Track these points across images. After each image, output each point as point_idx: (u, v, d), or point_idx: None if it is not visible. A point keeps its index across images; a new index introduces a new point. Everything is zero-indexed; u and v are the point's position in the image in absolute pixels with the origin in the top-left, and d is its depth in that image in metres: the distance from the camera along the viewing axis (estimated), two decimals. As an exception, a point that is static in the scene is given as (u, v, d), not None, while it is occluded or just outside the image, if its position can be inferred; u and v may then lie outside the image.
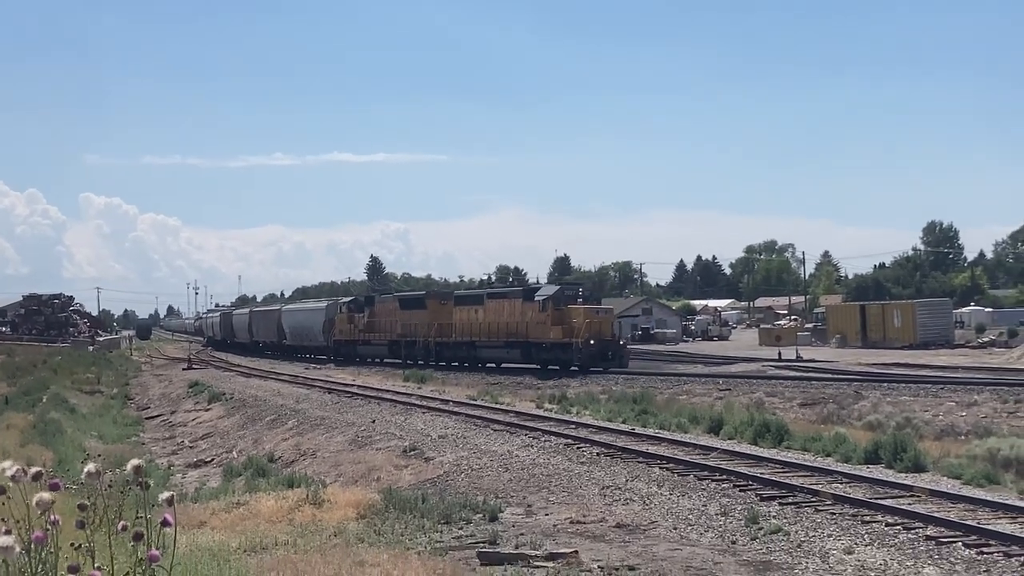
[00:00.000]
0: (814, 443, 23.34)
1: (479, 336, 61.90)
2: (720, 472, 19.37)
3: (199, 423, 42.30)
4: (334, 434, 30.45)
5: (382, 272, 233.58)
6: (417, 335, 67.18)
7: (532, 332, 56.65)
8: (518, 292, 62.06)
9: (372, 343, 74.64)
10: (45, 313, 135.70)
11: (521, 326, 57.77)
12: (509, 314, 59.43)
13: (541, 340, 56.05)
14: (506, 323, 59.41)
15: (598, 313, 55.52)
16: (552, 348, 55.47)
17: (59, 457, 24.81)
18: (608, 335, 55.14)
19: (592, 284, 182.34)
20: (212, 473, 28.79)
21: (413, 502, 16.80)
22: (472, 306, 64.27)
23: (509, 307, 59.81)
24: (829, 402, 35.32)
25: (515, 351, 58.66)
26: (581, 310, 54.48)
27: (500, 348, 60.26)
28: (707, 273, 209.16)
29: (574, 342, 53.53)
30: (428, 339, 65.93)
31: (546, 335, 55.46)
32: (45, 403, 42.49)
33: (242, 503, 17.36)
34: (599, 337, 53.84)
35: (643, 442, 24.18)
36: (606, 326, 55.54)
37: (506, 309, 60.03)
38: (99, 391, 58.89)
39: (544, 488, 19.44)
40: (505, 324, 59.47)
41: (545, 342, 55.75)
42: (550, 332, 55.16)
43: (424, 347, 66.28)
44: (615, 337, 56.27)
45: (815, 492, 17.09)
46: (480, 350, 62.17)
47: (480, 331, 61.84)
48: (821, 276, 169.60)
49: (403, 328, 69.48)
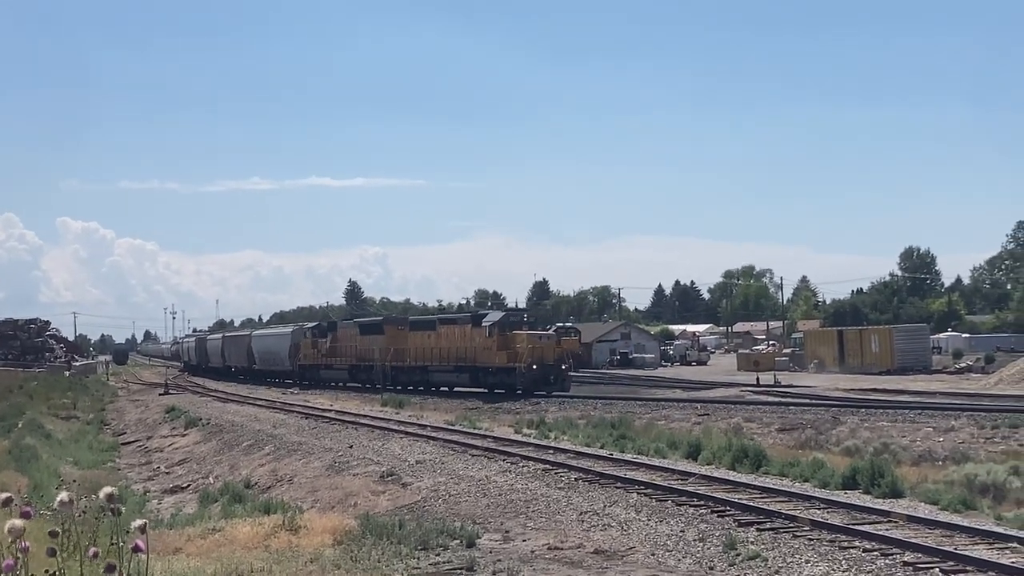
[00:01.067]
0: (792, 468, 23.36)
1: (431, 361, 63.52)
2: (698, 498, 19.35)
3: (175, 449, 42.08)
4: (311, 459, 30.33)
5: (360, 297, 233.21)
6: (375, 360, 68.58)
7: (480, 357, 58.39)
8: (467, 318, 63.80)
9: (334, 367, 75.83)
10: (21, 338, 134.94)
11: (470, 351, 59.43)
12: (459, 339, 61.10)
13: (488, 365, 57.77)
14: (456, 348, 61.03)
15: (541, 339, 57.19)
16: (497, 372, 57.17)
17: (34, 483, 24.63)
18: (551, 360, 56.25)
19: (571, 308, 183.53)
20: (188, 499, 28.64)
21: (390, 528, 16.72)
22: (425, 331, 66.01)
23: (459, 333, 61.55)
24: (807, 427, 35.37)
25: (464, 375, 60.22)
26: (525, 336, 56.24)
27: (451, 372, 61.79)
28: (685, 298, 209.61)
29: (517, 367, 55.21)
30: (384, 364, 67.23)
31: (492, 360, 57.16)
32: (20, 428, 42.18)
33: (218, 529, 17.27)
34: (542, 362, 55.35)
35: (621, 467, 24.15)
36: (549, 351, 56.57)
37: (456, 335, 61.76)
38: (75, 416, 58.52)
39: (522, 514, 19.39)
40: (455, 349, 61.14)
41: (491, 367, 57.43)
42: (495, 357, 56.84)
43: (381, 371, 67.47)
44: (560, 362, 57.21)
45: (793, 518, 17.08)
46: (432, 374, 63.76)
47: (432, 356, 63.51)
48: (799, 301, 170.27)
49: (362, 353, 71.06)
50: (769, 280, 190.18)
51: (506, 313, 62.64)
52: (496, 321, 58.75)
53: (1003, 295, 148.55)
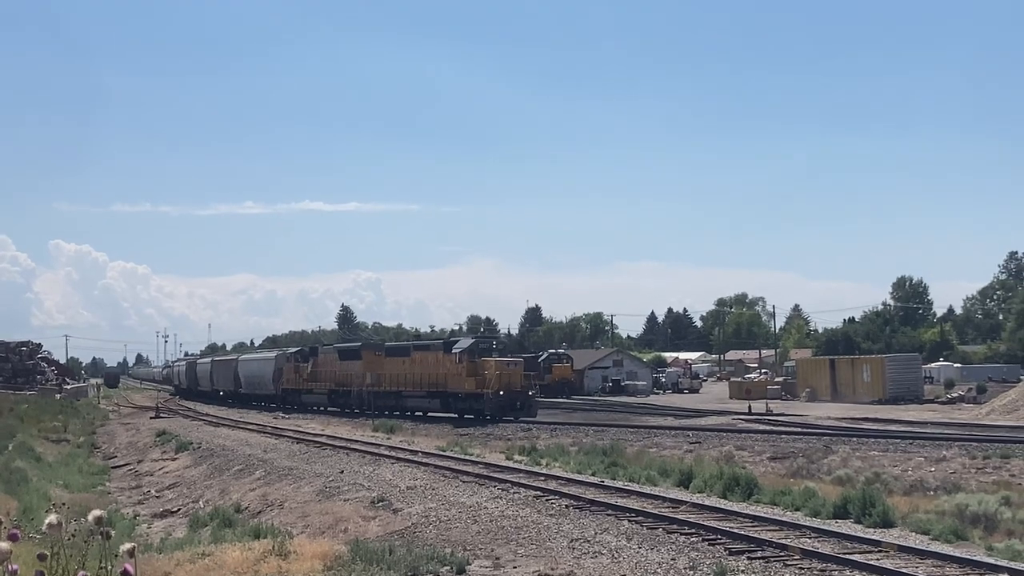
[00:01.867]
0: (783, 497, 23.34)
1: (405, 386, 65.06)
2: (689, 526, 19.33)
3: (166, 472, 41.96)
4: (302, 484, 30.25)
5: (353, 321, 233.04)
6: (352, 385, 70.21)
7: (450, 383, 60.09)
8: (439, 345, 65.71)
9: (314, 392, 77.63)
10: (12, 360, 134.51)
11: (441, 377, 61.02)
12: (431, 365, 62.75)
13: (457, 391, 59.45)
14: (429, 374, 62.65)
15: (509, 365, 58.87)
16: (467, 398, 58.85)
17: (24, 506, 24.54)
18: (518, 386, 58.25)
19: (563, 335, 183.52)
20: (178, 523, 28.53)
21: (380, 554, 16.68)
22: (400, 357, 67.59)
23: (432, 359, 63.26)
24: (798, 456, 35.36)
25: (436, 400, 61.91)
26: (493, 362, 57.99)
27: (423, 398, 63.44)
28: (678, 326, 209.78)
29: (485, 392, 56.97)
30: (361, 389, 68.45)
31: (462, 386, 58.95)
32: (10, 451, 42.03)
33: (207, 554, 17.21)
34: (509, 388, 57.25)
35: (612, 495, 24.11)
36: (516, 378, 58.50)
37: (429, 361, 63.49)
38: (66, 439, 58.31)
39: (512, 540, 19.35)
40: (428, 375, 62.74)
41: (461, 392, 59.17)
42: (465, 383, 58.61)
43: (358, 396, 68.70)
44: (526, 388, 59.16)
45: (784, 546, 17.06)
46: (406, 399, 65.30)
47: (406, 381, 65.04)
48: (791, 330, 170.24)
49: (341, 378, 72.87)
50: (762, 308, 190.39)
51: (475, 340, 64.12)
52: (465, 348, 60.44)
53: (995, 325, 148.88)
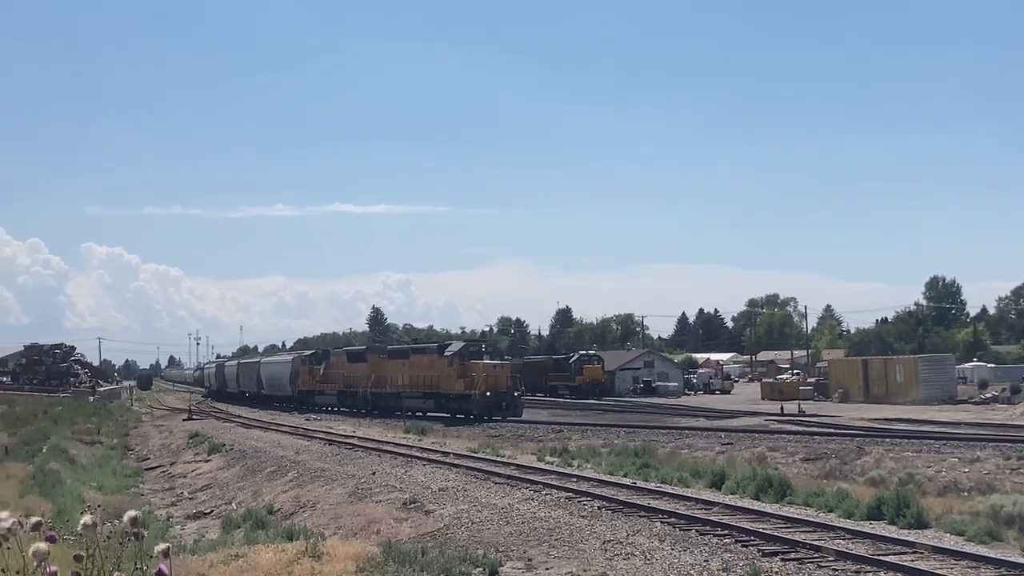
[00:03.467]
0: (816, 498, 23.24)
1: (404, 388, 68.48)
2: (722, 527, 19.27)
3: (199, 474, 42.10)
4: (334, 486, 30.30)
5: (384, 323, 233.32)
6: (359, 386, 73.81)
7: (443, 384, 63.61)
8: (434, 348, 68.98)
9: (326, 393, 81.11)
10: (46, 363, 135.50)
11: (435, 379, 64.64)
12: (427, 368, 66.23)
13: (449, 391, 62.99)
14: (424, 376, 66.25)
15: (495, 367, 62.54)
16: (457, 398, 62.33)
17: (58, 508, 24.66)
18: (504, 387, 61.58)
19: (594, 336, 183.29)
20: (211, 525, 28.63)
21: (413, 556, 16.69)
22: (401, 360, 71.03)
23: (427, 361, 66.70)
24: (832, 457, 35.18)
25: (430, 401, 65.34)
26: (481, 365, 61.50)
27: (419, 398, 66.74)
28: (709, 326, 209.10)
29: (473, 393, 60.35)
30: (366, 390, 72.34)
31: (452, 387, 62.45)
32: (45, 453, 42.31)
33: (240, 555, 17.25)
34: (495, 389, 60.55)
35: (645, 496, 24.05)
36: (502, 379, 61.88)
37: (425, 363, 66.93)
38: (99, 441, 58.65)
39: (545, 542, 19.32)
40: (423, 377, 66.29)
41: (452, 393, 62.65)
42: (455, 384, 62.13)
43: (363, 397, 72.71)
44: (511, 389, 62.27)
45: (817, 548, 16.98)
46: (404, 400, 67.92)
47: (405, 383, 68.46)
48: (823, 330, 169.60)
49: (349, 380, 76.29)
50: (793, 309, 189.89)
51: (465, 344, 68.19)
52: (456, 351, 64.09)
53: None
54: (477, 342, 75.52)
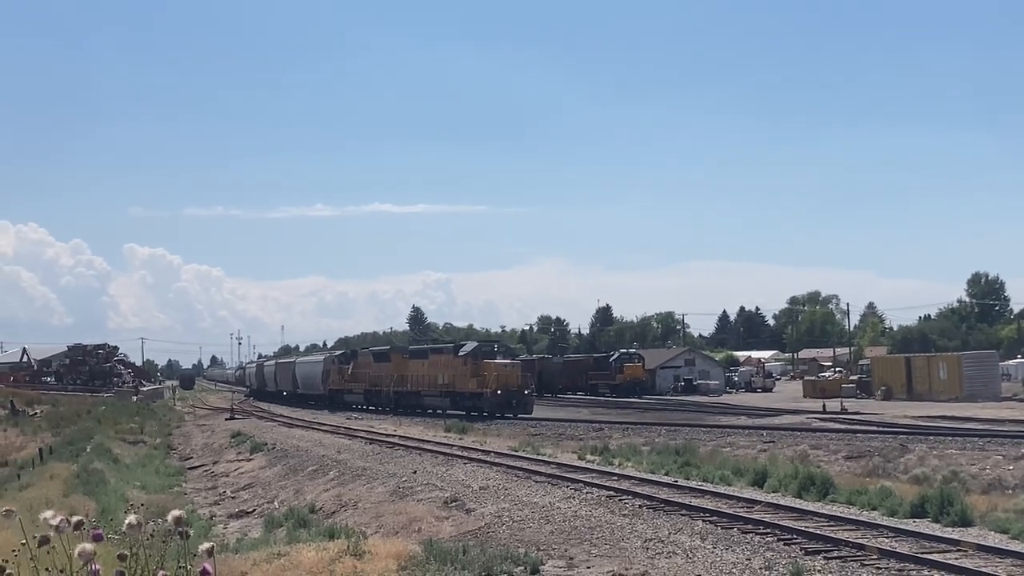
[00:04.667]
0: (859, 496, 23.10)
1: (424, 387, 71.26)
2: (764, 525, 19.18)
3: (241, 473, 42.31)
4: (375, 485, 30.37)
5: (424, 322, 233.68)
6: (383, 385, 76.47)
7: (457, 383, 66.12)
8: (451, 348, 72.38)
9: (353, 392, 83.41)
10: (90, 363, 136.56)
11: (451, 378, 67.15)
12: (443, 367, 68.85)
13: (463, 390, 65.36)
14: (441, 375, 68.79)
15: (506, 367, 64.89)
16: (471, 397, 64.62)
17: (102, 507, 24.84)
18: (514, 386, 63.86)
19: (634, 335, 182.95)
20: (253, 524, 28.76)
21: (454, 554, 16.72)
22: (420, 360, 74.01)
23: (444, 361, 69.50)
24: (874, 455, 34.98)
25: (447, 399, 67.82)
26: (493, 364, 64.01)
27: (437, 397, 69.35)
28: (750, 324, 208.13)
29: (484, 392, 62.80)
30: (389, 389, 75.15)
31: (467, 386, 64.84)
32: (89, 453, 42.63)
33: (283, 554, 17.33)
34: (506, 387, 62.88)
35: (686, 494, 23.98)
36: (513, 378, 64.29)
37: (442, 363, 69.76)
38: (142, 441, 59.08)
39: (586, 541, 19.30)
40: (440, 376, 68.80)
41: (466, 391, 65.03)
42: (469, 383, 64.51)
43: (387, 396, 75.34)
44: (522, 388, 64.85)
45: (860, 546, 16.89)
46: (424, 398, 71.26)
47: (424, 382, 71.18)
48: (866, 328, 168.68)
49: (374, 379, 78.76)
50: (835, 306, 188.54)
51: (478, 344, 71.00)
52: (469, 351, 66.91)
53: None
54: (490, 342, 77.85)
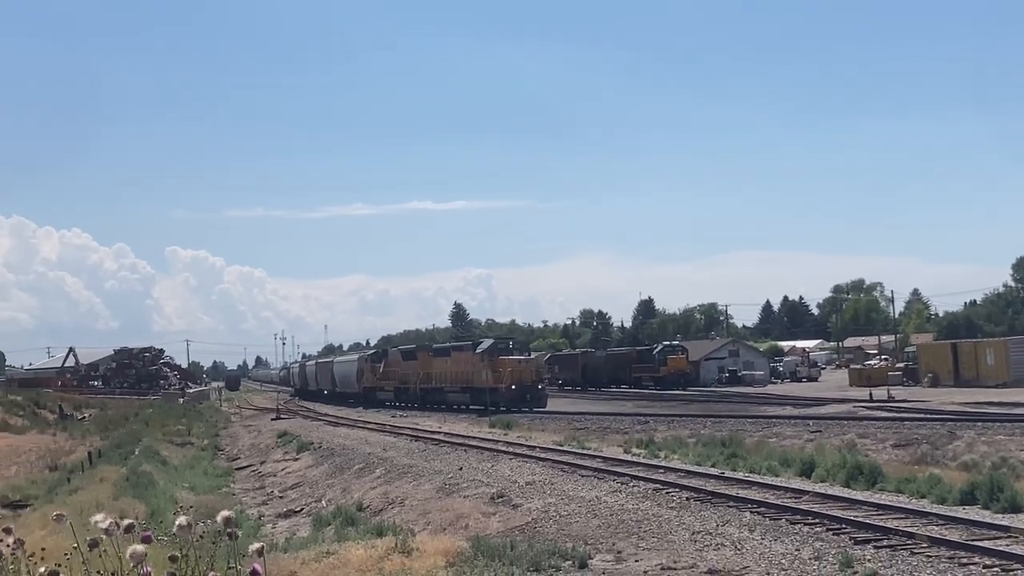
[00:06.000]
0: (908, 485, 22.97)
1: (446, 383, 74.27)
2: (812, 515, 19.10)
3: (288, 473, 42.52)
4: (421, 482, 30.45)
5: (466, 319, 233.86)
6: (411, 382, 79.88)
7: (475, 379, 69.19)
8: (470, 346, 76.10)
9: (384, 389, 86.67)
10: (136, 366, 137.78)
11: (469, 374, 70.21)
12: (463, 364, 71.81)
13: (481, 386, 68.21)
14: (461, 372, 71.85)
15: (520, 363, 68.04)
16: (488, 392, 67.00)
17: (151, 509, 25.03)
18: (529, 381, 67.17)
19: (677, 327, 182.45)
20: (302, 523, 28.90)
21: (502, 550, 16.74)
22: (443, 357, 77.23)
23: (464, 358, 72.41)
24: (922, 443, 34.73)
25: (466, 395, 70.57)
26: (508, 360, 67.15)
27: (458, 393, 72.10)
28: (794, 314, 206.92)
29: (500, 387, 65.67)
30: (416, 386, 78.46)
31: (484, 381, 67.73)
32: (137, 456, 42.94)
33: (331, 552, 17.39)
34: (520, 382, 66.21)
35: (733, 486, 23.91)
36: (527, 373, 67.64)
37: (462, 360, 72.66)
38: (190, 443, 59.49)
39: (634, 534, 19.28)
40: (461, 372, 71.88)
41: (483, 387, 67.81)
42: (486, 379, 67.32)
43: (414, 392, 78.95)
44: (535, 382, 68.22)
45: (910, 535, 16.78)
46: (447, 394, 73.95)
47: (447, 379, 74.27)
48: (911, 314, 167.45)
49: (403, 377, 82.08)
50: (880, 294, 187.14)
51: (495, 341, 74.48)
52: (486, 348, 70.10)
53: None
54: (506, 339, 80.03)
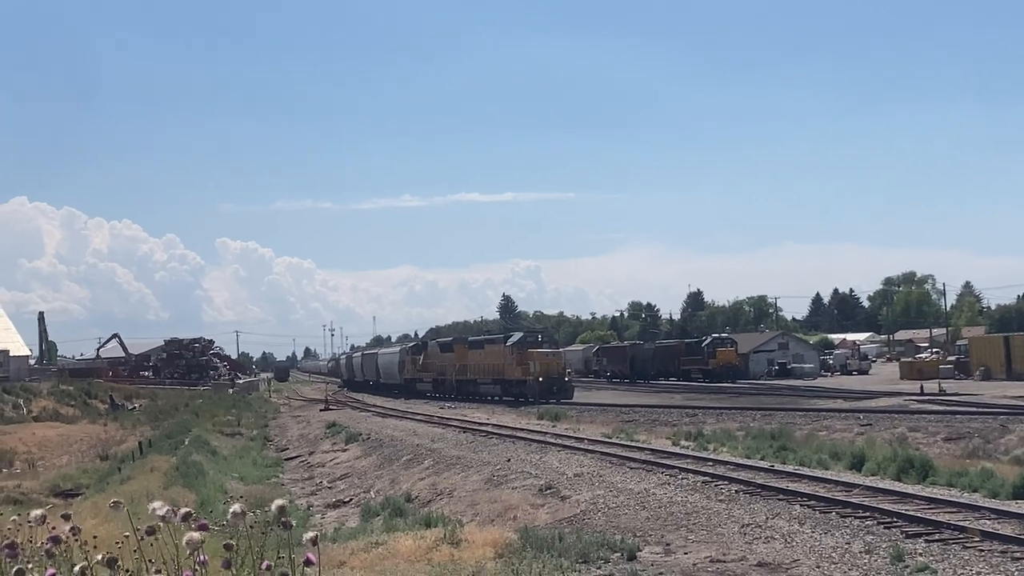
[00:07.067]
0: (960, 478, 22.80)
1: (479, 375, 76.76)
2: (863, 509, 18.96)
3: (337, 464, 42.72)
4: (470, 473, 30.50)
5: (514, 311, 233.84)
6: (447, 374, 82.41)
7: (506, 371, 71.30)
8: (501, 339, 77.77)
9: (424, 380, 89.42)
10: (186, 357, 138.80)
11: (500, 367, 72.32)
12: (495, 357, 74.13)
13: (511, 378, 70.58)
14: (493, 364, 74.05)
15: (548, 356, 70.47)
16: (517, 384, 69.79)
17: (201, 499, 25.24)
18: (555, 373, 69.01)
19: (726, 319, 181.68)
20: (350, 513, 29.05)
21: (550, 541, 16.73)
22: (477, 350, 79.34)
23: (496, 351, 74.60)
24: (974, 436, 34.46)
25: (497, 387, 73.04)
26: (536, 353, 69.49)
27: (490, 384, 74.63)
28: (844, 306, 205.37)
29: (528, 379, 67.84)
30: (451, 378, 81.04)
31: (514, 374, 70.05)
32: (187, 445, 43.28)
33: (380, 543, 17.46)
34: (547, 375, 67.98)
35: (783, 479, 23.79)
36: (554, 366, 69.76)
37: (494, 353, 74.89)
38: (239, 433, 59.91)
39: (682, 526, 19.23)
40: (493, 365, 74.08)
41: (513, 379, 70.25)
42: (515, 371, 69.73)
43: (450, 384, 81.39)
44: (561, 374, 69.98)
45: (962, 529, 16.64)
46: (480, 386, 76.30)
47: (480, 371, 76.67)
48: (963, 307, 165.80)
49: (441, 368, 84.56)
50: (931, 286, 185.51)
51: (524, 334, 77.69)
52: (516, 341, 72.52)
53: None
54: (535, 332, 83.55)
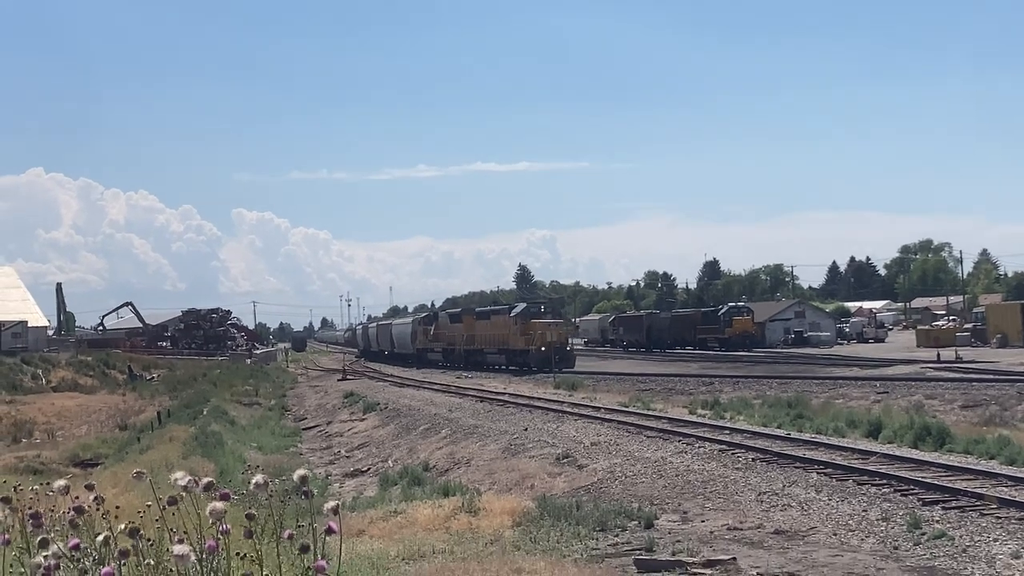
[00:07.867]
0: (977, 446, 22.80)
1: (486, 345, 78.23)
2: (880, 476, 18.98)
3: (355, 433, 42.87)
4: (487, 442, 30.60)
5: (531, 280, 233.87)
6: (456, 344, 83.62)
7: (510, 341, 72.97)
8: (506, 309, 79.95)
9: (434, 350, 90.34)
10: (204, 327, 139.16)
11: (504, 337, 74.06)
12: (500, 327, 75.64)
13: (515, 348, 72.24)
14: (498, 334, 75.79)
15: (550, 326, 71.92)
16: (520, 353, 71.25)
17: (220, 468, 25.35)
18: (557, 343, 69.96)
19: (742, 288, 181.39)
20: (369, 482, 29.18)
21: (568, 510, 16.81)
22: (485, 320, 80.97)
23: (501, 322, 76.26)
24: (991, 404, 34.41)
25: (502, 356, 74.47)
26: (538, 323, 71.06)
27: (495, 354, 76.13)
28: (861, 274, 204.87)
29: (530, 349, 69.43)
30: (460, 347, 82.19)
31: (517, 344, 71.65)
32: (205, 415, 43.49)
33: (399, 512, 17.56)
34: (549, 345, 68.62)
35: (799, 447, 23.81)
36: (556, 336, 71.13)
37: (499, 323, 76.47)
38: (257, 403, 60.15)
39: (699, 494, 19.29)
40: (498, 335, 75.88)
41: (516, 349, 71.90)
42: (519, 341, 71.29)
43: (459, 354, 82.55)
44: (563, 344, 71.61)
45: (979, 496, 16.65)
46: (487, 356, 77.73)
47: (486, 341, 78.22)
48: (979, 275, 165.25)
49: (450, 338, 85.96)
50: (948, 254, 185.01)
51: (527, 305, 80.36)
52: (519, 312, 74.49)
53: None
54: (538, 303, 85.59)
